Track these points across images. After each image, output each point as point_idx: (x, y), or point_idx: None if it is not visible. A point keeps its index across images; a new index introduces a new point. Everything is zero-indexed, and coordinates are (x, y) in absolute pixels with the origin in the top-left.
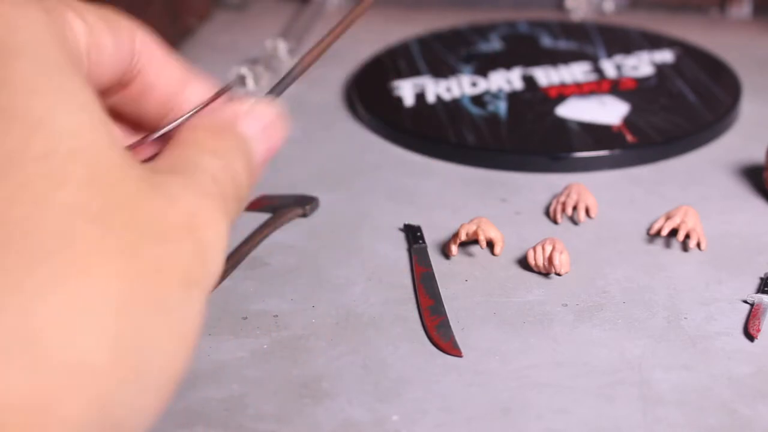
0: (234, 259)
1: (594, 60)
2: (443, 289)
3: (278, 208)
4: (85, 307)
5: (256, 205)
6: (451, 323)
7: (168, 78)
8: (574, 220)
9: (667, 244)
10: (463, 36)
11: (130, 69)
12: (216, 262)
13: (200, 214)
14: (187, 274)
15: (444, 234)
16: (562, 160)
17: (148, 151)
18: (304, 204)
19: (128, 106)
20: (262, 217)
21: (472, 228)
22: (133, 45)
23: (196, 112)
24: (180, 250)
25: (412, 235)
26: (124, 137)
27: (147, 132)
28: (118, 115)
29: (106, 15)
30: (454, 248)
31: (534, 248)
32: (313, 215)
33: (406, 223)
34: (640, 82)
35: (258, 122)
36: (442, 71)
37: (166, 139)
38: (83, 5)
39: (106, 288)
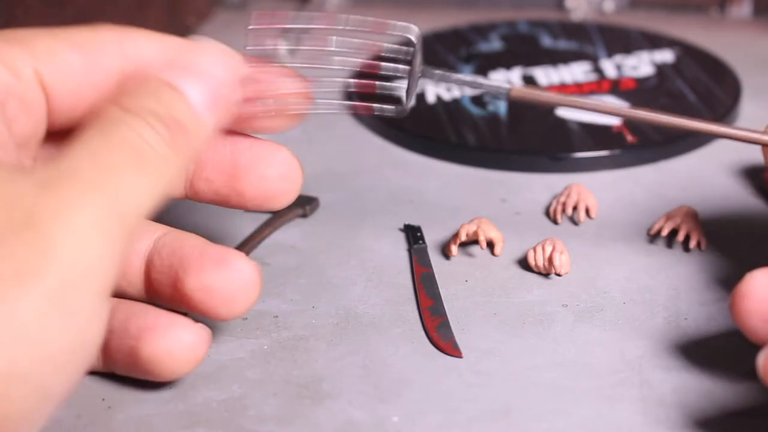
0: None
1: (594, 60)
2: (443, 289)
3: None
4: None
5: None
6: (452, 324)
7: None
8: (574, 221)
9: (668, 245)
10: (463, 36)
11: (127, 76)
12: (68, 251)
13: (41, 205)
14: (15, 269)
15: (444, 234)
16: (563, 161)
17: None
18: (304, 204)
19: None
20: (262, 217)
21: (472, 228)
22: (116, 54)
23: None
24: (5, 246)
25: (412, 235)
26: None
27: None
28: None
29: (73, 36)
30: (454, 248)
31: (534, 248)
32: (313, 215)
33: (406, 223)
34: (640, 82)
35: (186, 68)
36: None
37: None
38: (40, 34)
39: None
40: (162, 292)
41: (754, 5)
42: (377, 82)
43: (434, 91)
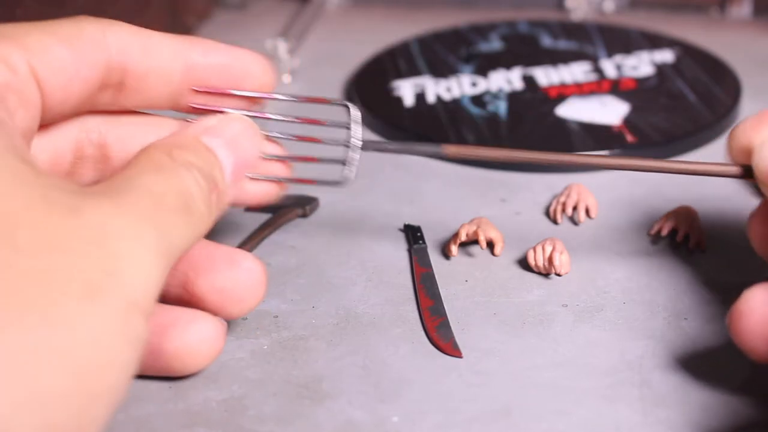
0: None
1: (594, 60)
2: (443, 289)
3: (278, 208)
4: None
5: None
6: (452, 324)
7: (158, 58)
8: (574, 221)
9: (668, 245)
10: (463, 36)
11: (111, 69)
12: (135, 272)
13: (112, 225)
14: (87, 284)
15: (444, 234)
16: None
17: None
18: (304, 204)
19: (139, 99)
20: (262, 217)
21: (472, 228)
22: (101, 48)
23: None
24: (77, 261)
25: (412, 235)
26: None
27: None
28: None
29: (60, 31)
30: (454, 248)
31: (534, 248)
32: (313, 215)
33: (406, 223)
34: (640, 82)
35: (222, 135)
36: (442, 71)
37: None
38: (30, 29)
39: None
40: (169, 294)
41: (754, 5)
42: (318, 156)
43: (434, 91)
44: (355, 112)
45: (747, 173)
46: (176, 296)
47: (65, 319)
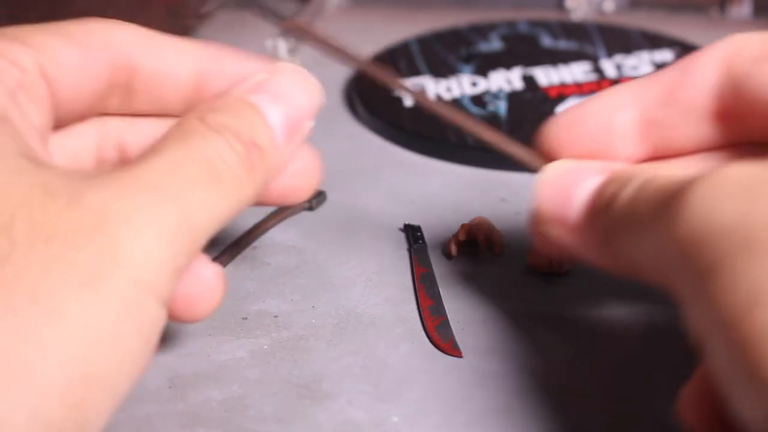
0: (235, 249)
1: (594, 60)
2: (443, 289)
3: None
4: None
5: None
6: (452, 323)
7: (164, 58)
8: None
9: None
10: (463, 36)
11: (118, 68)
12: (143, 254)
13: (114, 209)
14: (87, 272)
15: (444, 234)
16: None
17: None
18: (311, 197)
19: (151, 102)
20: (268, 208)
21: (472, 228)
22: (107, 47)
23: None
24: (77, 249)
25: (412, 235)
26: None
27: None
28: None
29: (66, 31)
30: (454, 248)
31: (534, 248)
32: (313, 215)
33: (406, 223)
34: None
35: (268, 90)
36: (442, 71)
37: None
38: (35, 30)
39: None
40: None
41: (754, 5)
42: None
43: (434, 91)
44: None
45: None
46: None
47: (61, 309)
